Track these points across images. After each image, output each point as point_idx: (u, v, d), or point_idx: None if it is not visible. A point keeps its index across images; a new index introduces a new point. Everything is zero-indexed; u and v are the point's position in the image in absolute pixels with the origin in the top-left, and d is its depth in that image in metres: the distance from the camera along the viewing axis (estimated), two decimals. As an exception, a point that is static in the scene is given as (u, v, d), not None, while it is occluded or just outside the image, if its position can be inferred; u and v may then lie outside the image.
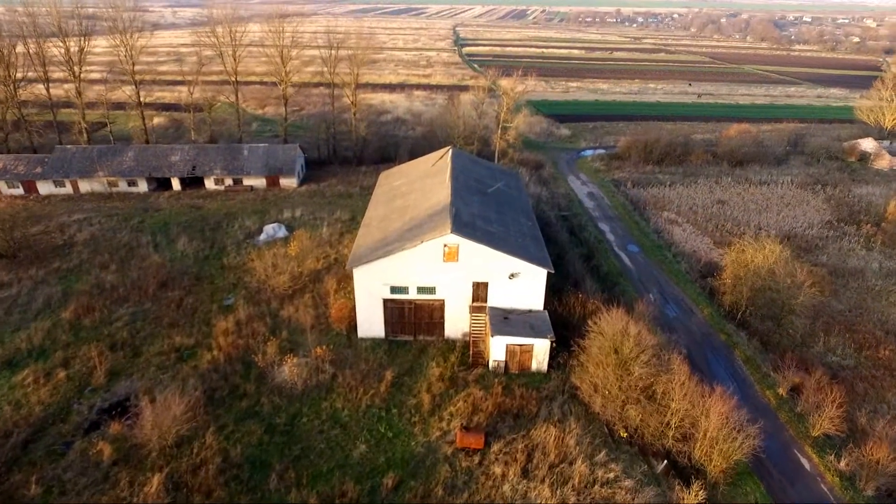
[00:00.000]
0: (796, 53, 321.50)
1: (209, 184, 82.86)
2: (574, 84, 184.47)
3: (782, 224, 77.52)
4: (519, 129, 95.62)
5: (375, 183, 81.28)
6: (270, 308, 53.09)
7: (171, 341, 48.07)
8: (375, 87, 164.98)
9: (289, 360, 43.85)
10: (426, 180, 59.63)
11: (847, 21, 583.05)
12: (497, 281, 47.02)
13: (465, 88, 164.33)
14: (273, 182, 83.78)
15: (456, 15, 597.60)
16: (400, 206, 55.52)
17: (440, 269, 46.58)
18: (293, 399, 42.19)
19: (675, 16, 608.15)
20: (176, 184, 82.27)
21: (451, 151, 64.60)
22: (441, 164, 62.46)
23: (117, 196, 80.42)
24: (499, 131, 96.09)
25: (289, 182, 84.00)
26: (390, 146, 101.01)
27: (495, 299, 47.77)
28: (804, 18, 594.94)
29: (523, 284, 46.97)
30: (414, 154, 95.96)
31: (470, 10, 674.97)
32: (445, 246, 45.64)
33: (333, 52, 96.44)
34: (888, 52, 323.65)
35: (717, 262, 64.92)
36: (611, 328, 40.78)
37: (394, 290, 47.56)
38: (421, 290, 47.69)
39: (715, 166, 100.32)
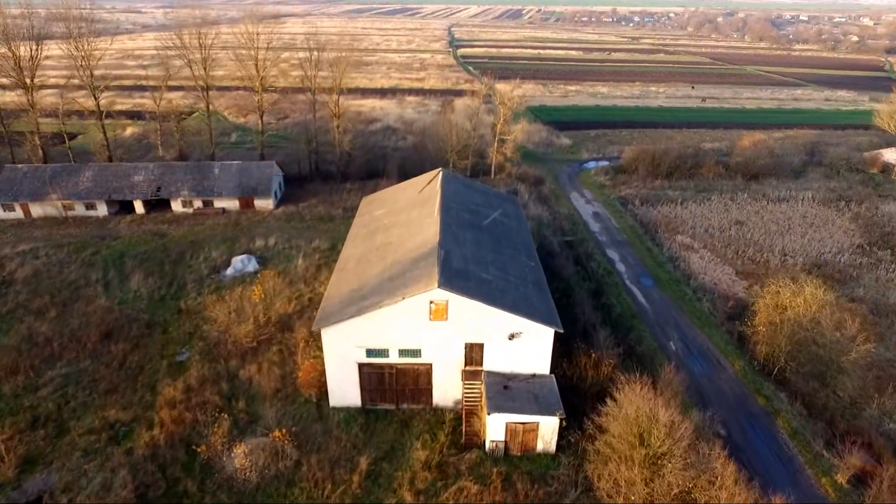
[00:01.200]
0: (797, 53, 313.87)
1: (176, 206, 74.50)
2: (573, 87, 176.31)
3: (808, 249, 69.56)
4: (517, 141, 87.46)
5: (358, 206, 73.85)
6: (229, 367, 44.85)
7: (105, 415, 39.84)
8: (366, 91, 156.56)
9: (240, 448, 35.62)
10: (412, 211, 51.42)
11: (844, 20, 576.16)
12: (495, 342, 38.92)
13: (459, 93, 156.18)
14: (247, 204, 75.45)
15: (451, 15, 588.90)
16: (381, 244, 47.31)
17: (426, 328, 38.46)
18: (245, 497, 34.03)
19: (672, 15, 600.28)
20: (139, 206, 73.91)
21: (440, 175, 56.42)
22: (430, 190, 54.28)
23: (73, 221, 72.00)
24: (495, 144, 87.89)
25: (264, 203, 75.67)
26: (378, 160, 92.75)
27: (493, 362, 39.68)
28: (801, 17, 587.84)
29: (526, 345, 38.86)
30: (403, 169, 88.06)
31: (465, 9, 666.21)
32: (432, 303, 37.50)
33: (314, 56, 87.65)
34: (889, 51, 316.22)
35: (744, 298, 56.98)
36: (634, 409, 32.78)
37: (370, 352, 39.42)
38: (403, 352, 39.55)
39: (728, 180, 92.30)
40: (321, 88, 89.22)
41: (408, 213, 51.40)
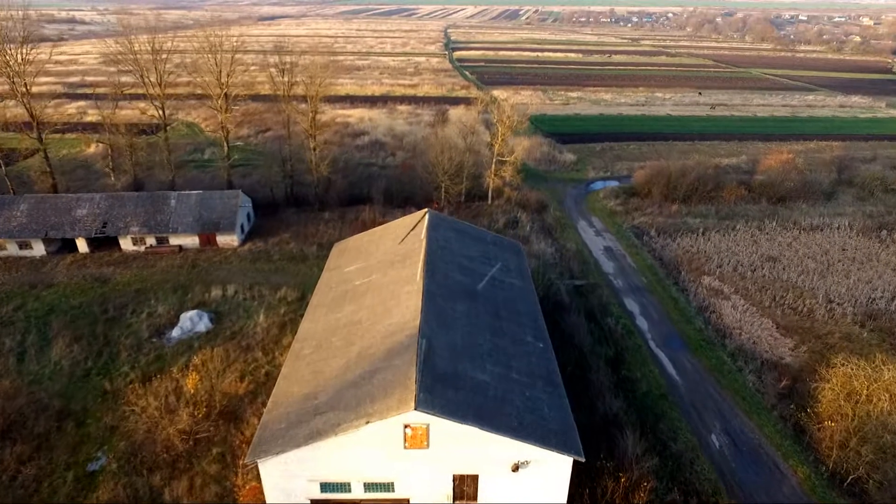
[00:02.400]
0: (801, 55, 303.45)
1: (126, 244, 64.05)
2: (574, 94, 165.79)
3: (856, 293, 59.27)
4: (517, 164, 77.05)
5: (336, 241, 63.52)
6: (152, 483, 34.51)
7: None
8: (355, 100, 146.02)
9: None
10: (390, 271, 41.04)
11: (844, 19, 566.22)
12: (493, 473, 28.67)
13: (454, 101, 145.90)
14: (208, 240, 65.02)
15: (448, 16, 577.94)
16: (347, 322, 36.91)
17: (401, 457, 28.19)
18: None
19: (670, 15, 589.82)
20: (83, 245, 63.45)
21: (426, 219, 46.10)
22: (413, 240, 43.94)
23: (3, 263, 61.50)
24: (492, 166, 77.47)
25: (228, 240, 65.23)
26: (362, 183, 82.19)
27: (491, 496, 29.43)
28: (800, 17, 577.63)
29: (536, 476, 28.66)
30: (389, 194, 77.80)
31: (462, 10, 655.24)
32: (408, 427, 27.22)
33: (288, 62, 76.92)
34: (895, 52, 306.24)
35: (792, 365, 46.81)
36: None
37: (326, 487, 29.12)
38: (371, 486, 29.27)
39: (753, 204, 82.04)
40: (295, 107, 78.18)
41: (384, 274, 41.02)
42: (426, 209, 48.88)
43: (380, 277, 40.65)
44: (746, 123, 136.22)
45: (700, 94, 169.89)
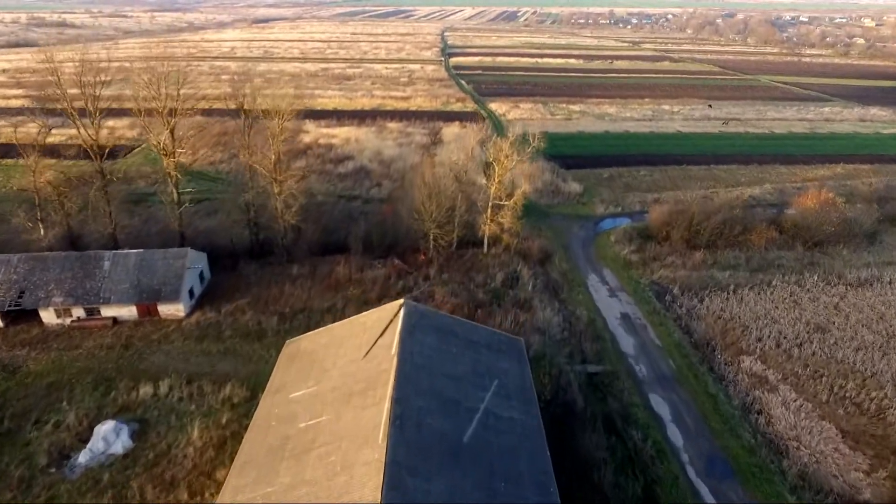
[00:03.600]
0: (808, 59, 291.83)
1: (48, 317, 52.79)
2: (576, 107, 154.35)
3: (930, 379, 48.30)
4: (518, 208, 65.72)
5: (303, 309, 53.30)
6: None
7: None
8: (343, 115, 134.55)
9: None
10: (345, 412, 29.81)
11: (846, 20, 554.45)
12: None
13: (448, 117, 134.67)
14: (148, 310, 53.75)
15: (445, 17, 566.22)
16: (282, 489, 25.74)
17: None
18: None
19: (670, 17, 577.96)
20: (-5, 318, 52.25)
21: (400, 319, 34.92)
22: (381, 355, 32.75)
23: None
24: (489, 209, 66.22)
25: (172, 310, 53.95)
26: (339, 226, 70.88)
27: None
28: (801, 18, 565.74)
29: None
30: (368, 243, 66.69)
31: (460, 11, 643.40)
32: None
33: (249, 98, 65.23)
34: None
35: (873, 502, 35.77)
36: None
37: None
38: None
39: (787, 250, 70.91)
40: (256, 149, 65.64)
41: (338, 415, 29.80)
42: (402, 300, 37.61)
43: (331, 421, 29.44)
44: (764, 142, 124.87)
45: (710, 106, 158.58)
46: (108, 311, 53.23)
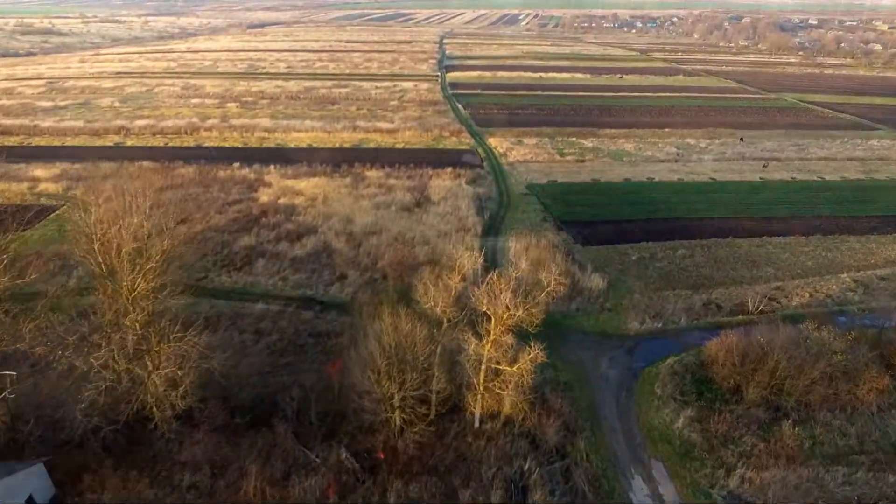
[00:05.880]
0: (829, 71, 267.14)
1: None
2: (588, 142, 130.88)
3: None
4: (527, 383, 42.97)
5: None
6: None
7: None
8: (314, 158, 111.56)
9: None
10: None
11: (856, 23, 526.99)
12: None
13: (439, 158, 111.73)
14: None
15: (445, 21, 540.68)
16: None
17: None
18: None
19: (675, 20, 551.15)
20: None
21: None
22: None
23: None
24: (480, 376, 43.25)
25: None
26: (262, 390, 48.02)
27: None
28: (809, 21, 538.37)
29: None
30: (307, 420, 44.03)
31: (461, 14, 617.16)
32: None
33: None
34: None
35: None
36: None
37: None
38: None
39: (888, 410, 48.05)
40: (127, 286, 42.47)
41: None
42: None
43: None
44: (818, 196, 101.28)
45: (742, 140, 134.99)
46: None
